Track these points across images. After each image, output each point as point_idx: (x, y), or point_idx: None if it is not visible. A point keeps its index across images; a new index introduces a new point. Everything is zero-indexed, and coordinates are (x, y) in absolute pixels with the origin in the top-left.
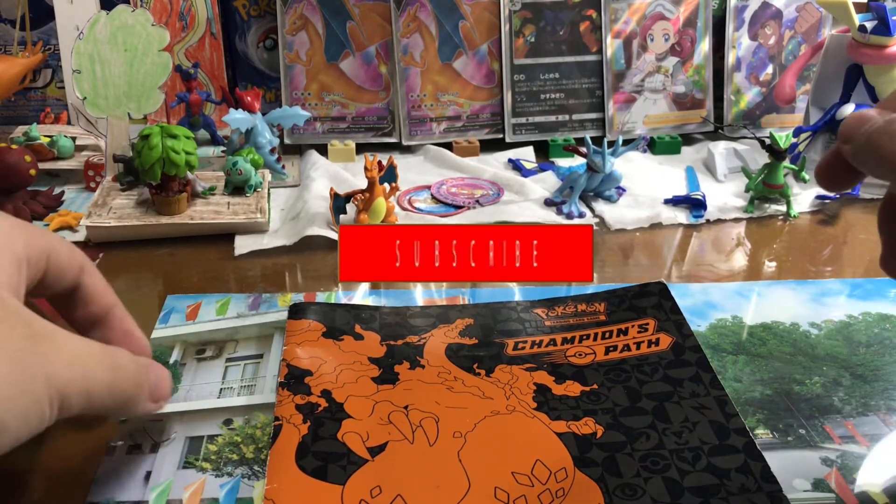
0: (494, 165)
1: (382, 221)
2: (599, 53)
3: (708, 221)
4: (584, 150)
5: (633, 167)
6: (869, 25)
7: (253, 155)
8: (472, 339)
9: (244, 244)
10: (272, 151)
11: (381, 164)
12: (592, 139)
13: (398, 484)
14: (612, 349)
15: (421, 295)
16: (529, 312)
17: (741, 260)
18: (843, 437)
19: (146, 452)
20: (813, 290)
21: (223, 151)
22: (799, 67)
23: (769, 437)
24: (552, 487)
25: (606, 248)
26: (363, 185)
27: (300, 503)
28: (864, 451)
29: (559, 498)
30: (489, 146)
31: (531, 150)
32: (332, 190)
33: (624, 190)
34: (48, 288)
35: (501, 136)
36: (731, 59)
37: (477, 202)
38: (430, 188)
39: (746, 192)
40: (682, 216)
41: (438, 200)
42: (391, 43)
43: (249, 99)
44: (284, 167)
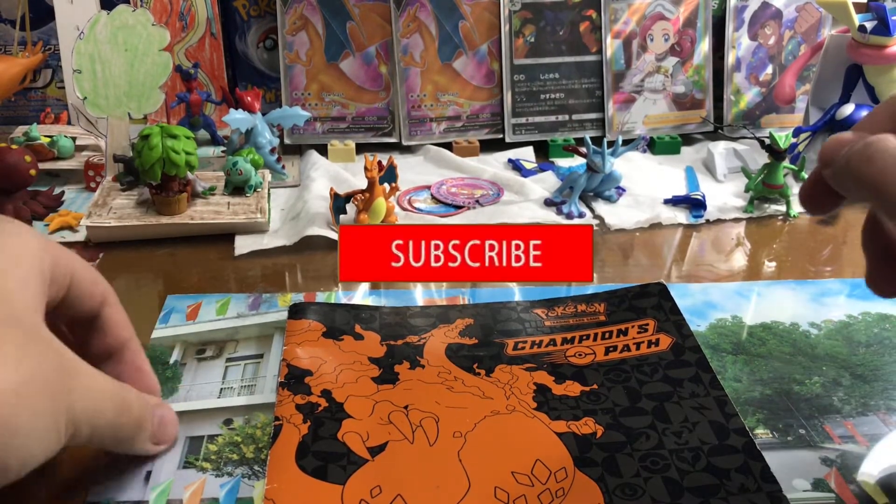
0: (494, 165)
1: (382, 221)
2: (599, 53)
3: (708, 221)
4: (583, 150)
5: (632, 167)
6: (869, 25)
7: (253, 155)
8: (472, 339)
9: (244, 244)
10: (272, 151)
11: (381, 164)
12: (592, 139)
13: (398, 484)
14: (611, 349)
15: (421, 295)
16: (529, 312)
17: (741, 260)
18: (842, 436)
19: None
20: (812, 290)
21: (223, 151)
22: (799, 67)
23: (769, 437)
24: (552, 487)
25: (606, 248)
26: (363, 185)
27: (300, 503)
28: (863, 450)
29: (559, 498)
30: (489, 146)
31: (531, 150)
32: (332, 190)
33: (624, 190)
34: (66, 310)
35: (501, 136)
36: (730, 59)
37: (477, 202)
38: (430, 188)
39: (746, 192)
40: (681, 216)
41: (438, 200)
42: (391, 43)
43: (249, 99)
44: (284, 167)
